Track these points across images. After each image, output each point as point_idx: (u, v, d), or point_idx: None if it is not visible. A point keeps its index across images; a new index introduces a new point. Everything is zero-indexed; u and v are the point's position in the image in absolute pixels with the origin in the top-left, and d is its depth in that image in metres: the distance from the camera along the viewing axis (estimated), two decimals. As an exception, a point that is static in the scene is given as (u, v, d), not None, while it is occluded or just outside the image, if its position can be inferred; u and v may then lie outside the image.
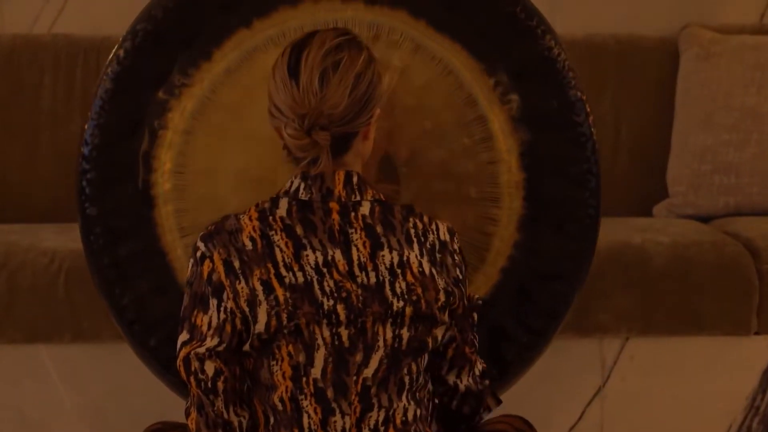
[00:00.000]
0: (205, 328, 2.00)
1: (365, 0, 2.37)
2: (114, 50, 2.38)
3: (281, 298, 1.97)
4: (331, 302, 1.98)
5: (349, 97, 1.98)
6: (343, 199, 2.02)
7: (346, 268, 1.99)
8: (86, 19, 3.62)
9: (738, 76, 3.41)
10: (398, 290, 2.00)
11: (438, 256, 2.07)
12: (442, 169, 2.38)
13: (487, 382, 2.20)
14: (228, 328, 1.99)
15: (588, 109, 2.37)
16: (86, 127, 2.37)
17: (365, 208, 2.03)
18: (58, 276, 2.88)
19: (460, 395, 2.18)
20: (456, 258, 2.11)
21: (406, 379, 2.03)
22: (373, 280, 1.99)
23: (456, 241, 2.13)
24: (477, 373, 2.19)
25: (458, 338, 2.16)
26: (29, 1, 3.66)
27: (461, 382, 2.18)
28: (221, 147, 2.37)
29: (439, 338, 2.07)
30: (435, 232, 2.09)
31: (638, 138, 3.56)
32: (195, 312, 2.02)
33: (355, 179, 2.04)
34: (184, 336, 2.03)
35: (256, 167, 2.35)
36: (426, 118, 2.38)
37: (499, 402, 2.23)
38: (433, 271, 2.04)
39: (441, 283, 2.04)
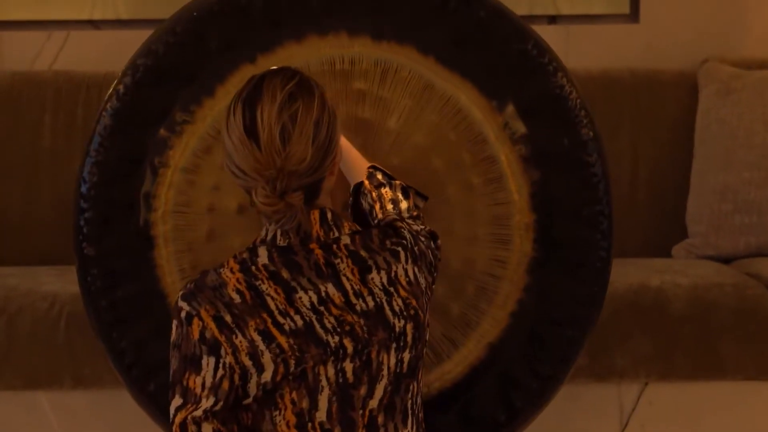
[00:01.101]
0: (198, 389, 1.95)
1: (372, 36, 2.35)
2: (113, 85, 2.36)
3: (285, 345, 1.94)
4: (337, 338, 1.95)
5: (313, 147, 1.94)
6: (322, 239, 2.00)
7: (343, 300, 1.97)
8: (88, 56, 3.61)
9: (759, 113, 3.36)
10: (396, 308, 1.99)
11: (416, 248, 2.06)
12: (451, 209, 2.36)
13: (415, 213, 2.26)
14: (225, 385, 1.94)
15: (601, 149, 2.34)
16: (84, 164, 2.35)
17: (346, 239, 2.01)
18: (59, 321, 2.83)
19: None
20: (423, 239, 2.12)
21: (409, 403, 2.03)
22: (371, 304, 1.98)
23: (419, 219, 2.19)
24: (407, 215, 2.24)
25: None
26: (30, 37, 3.65)
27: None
28: (223, 185, 2.34)
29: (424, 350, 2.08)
30: (407, 227, 2.09)
31: (656, 176, 3.52)
32: (186, 374, 1.97)
33: (329, 216, 2.02)
34: (177, 401, 1.97)
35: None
36: (435, 157, 2.35)
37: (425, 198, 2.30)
38: (416, 270, 2.04)
39: (422, 282, 2.05)
